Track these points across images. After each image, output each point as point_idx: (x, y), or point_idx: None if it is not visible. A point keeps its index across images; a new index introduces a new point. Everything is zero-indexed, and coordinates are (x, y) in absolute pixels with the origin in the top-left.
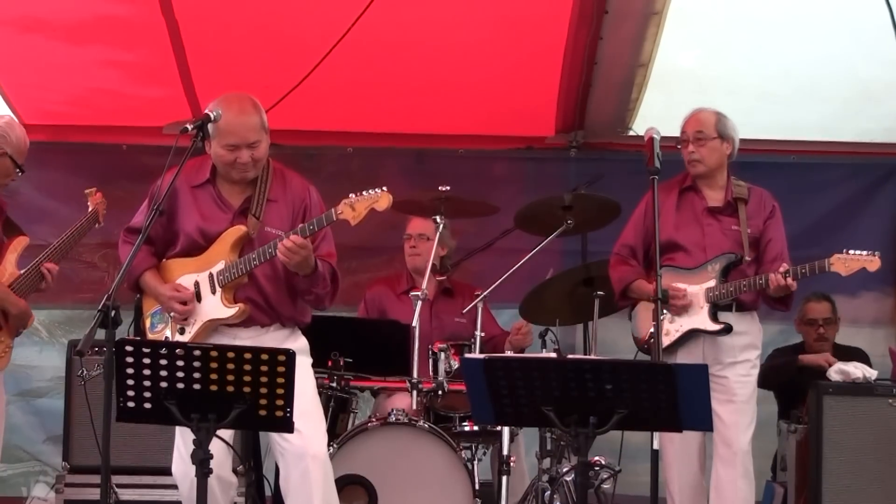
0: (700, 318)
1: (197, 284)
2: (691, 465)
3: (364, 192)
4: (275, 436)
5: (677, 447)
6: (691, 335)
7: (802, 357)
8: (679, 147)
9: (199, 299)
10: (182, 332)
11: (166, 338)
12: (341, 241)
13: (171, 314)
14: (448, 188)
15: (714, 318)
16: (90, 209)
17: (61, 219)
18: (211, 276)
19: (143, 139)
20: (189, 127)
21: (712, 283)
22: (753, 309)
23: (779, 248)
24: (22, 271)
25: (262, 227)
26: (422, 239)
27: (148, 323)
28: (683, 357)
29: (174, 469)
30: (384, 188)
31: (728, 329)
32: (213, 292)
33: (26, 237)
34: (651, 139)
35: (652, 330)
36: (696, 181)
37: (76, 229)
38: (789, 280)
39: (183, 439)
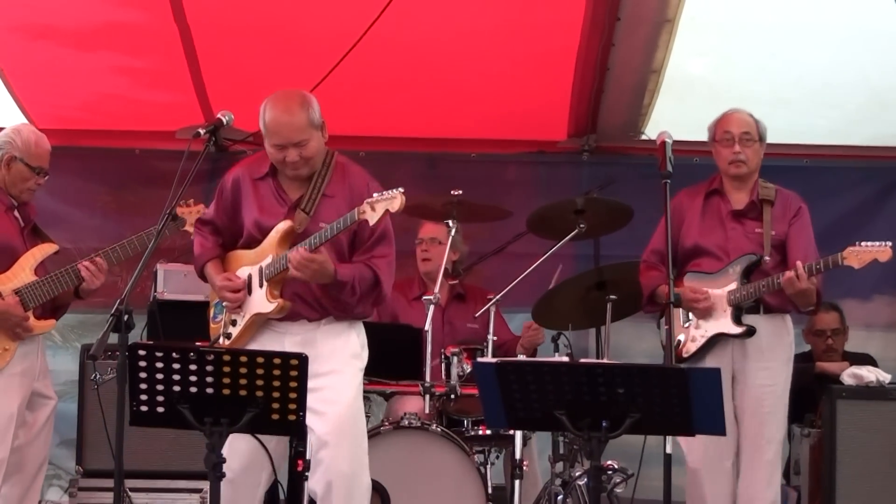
0: (724, 322)
1: (249, 277)
2: (726, 483)
3: (384, 193)
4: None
5: (710, 464)
6: (718, 340)
7: (820, 364)
8: (711, 150)
9: (250, 292)
10: (234, 323)
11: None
12: None
13: (225, 304)
14: (460, 192)
15: (737, 321)
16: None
17: (75, 223)
18: (260, 269)
19: (155, 144)
20: (201, 131)
21: (733, 285)
22: (784, 311)
23: (803, 250)
24: (41, 277)
25: (317, 222)
26: (433, 243)
27: (211, 313)
28: (712, 363)
29: None
30: (400, 189)
31: (751, 332)
32: (261, 286)
33: (53, 244)
34: (664, 143)
35: (680, 337)
36: (725, 183)
37: (144, 235)
38: (800, 273)
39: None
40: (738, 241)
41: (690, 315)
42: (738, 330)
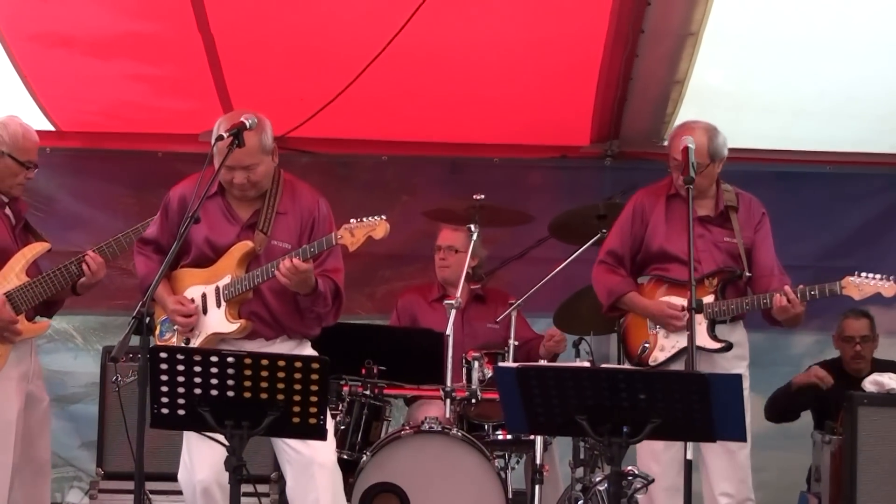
0: (699, 336)
1: (204, 297)
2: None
3: (364, 219)
4: (281, 444)
5: (724, 463)
6: (686, 351)
7: (795, 380)
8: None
9: (205, 311)
10: (187, 342)
11: None
12: (374, 249)
13: (176, 327)
14: (482, 196)
15: (713, 335)
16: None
17: (98, 226)
18: (217, 289)
19: (178, 146)
20: (224, 135)
21: (710, 298)
22: (741, 318)
23: (770, 261)
24: (33, 278)
25: (270, 241)
26: (450, 251)
27: (157, 331)
28: None
29: (179, 476)
30: (383, 217)
31: (728, 347)
32: (219, 306)
33: (45, 243)
34: (686, 149)
35: (645, 344)
36: None
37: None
38: (792, 299)
39: (189, 447)
40: (707, 249)
41: (657, 325)
42: (715, 346)
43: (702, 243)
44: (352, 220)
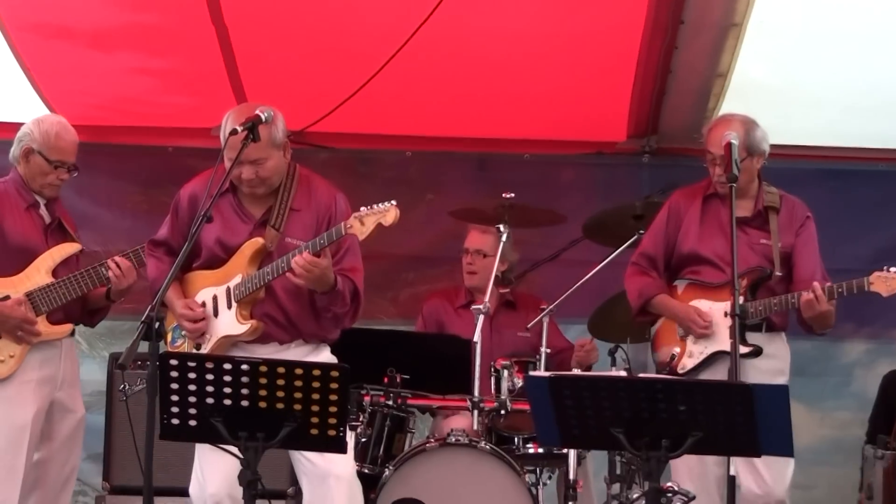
0: (726, 340)
1: (215, 299)
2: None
3: (374, 206)
4: (297, 456)
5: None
6: (716, 358)
7: None
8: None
9: (216, 314)
10: (198, 348)
11: None
12: (398, 250)
13: (184, 333)
14: (512, 195)
15: (742, 339)
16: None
17: (104, 225)
18: (228, 290)
19: (190, 141)
20: (239, 128)
21: (740, 300)
22: (782, 329)
23: (812, 266)
24: (59, 279)
25: (283, 238)
26: (478, 255)
27: (169, 337)
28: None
29: (191, 491)
30: (393, 202)
31: (758, 352)
32: (229, 307)
33: (74, 244)
34: (729, 145)
35: (674, 351)
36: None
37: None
38: (819, 295)
39: (201, 459)
40: (741, 251)
41: (684, 331)
42: (743, 350)
43: (737, 245)
44: (362, 208)
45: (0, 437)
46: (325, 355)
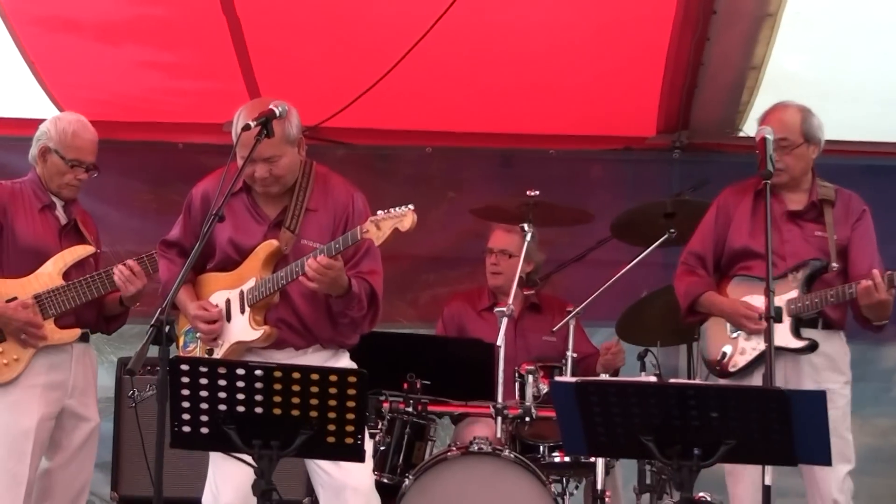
0: (780, 335)
1: (228, 303)
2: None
3: (391, 210)
4: (313, 466)
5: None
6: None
7: None
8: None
9: (229, 319)
10: (210, 353)
11: None
12: (418, 251)
13: (199, 335)
14: (537, 193)
15: (797, 333)
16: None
17: (111, 225)
18: (241, 294)
19: (201, 137)
20: (252, 123)
21: (794, 293)
22: (840, 328)
23: (869, 258)
24: (70, 282)
25: (299, 240)
26: (503, 255)
27: (181, 341)
28: (760, 379)
29: (204, 501)
30: (410, 206)
31: (813, 346)
32: (243, 312)
33: (87, 246)
34: (763, 139)
35: (725, 350)
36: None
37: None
38: (878, 282)
39: (214, 467)
40: (795, 243)
41: (736, 328)
42: (798, 344)
43: (790, 238)
44: (379, 212)
45: (2, 443)
46: (345, 362)
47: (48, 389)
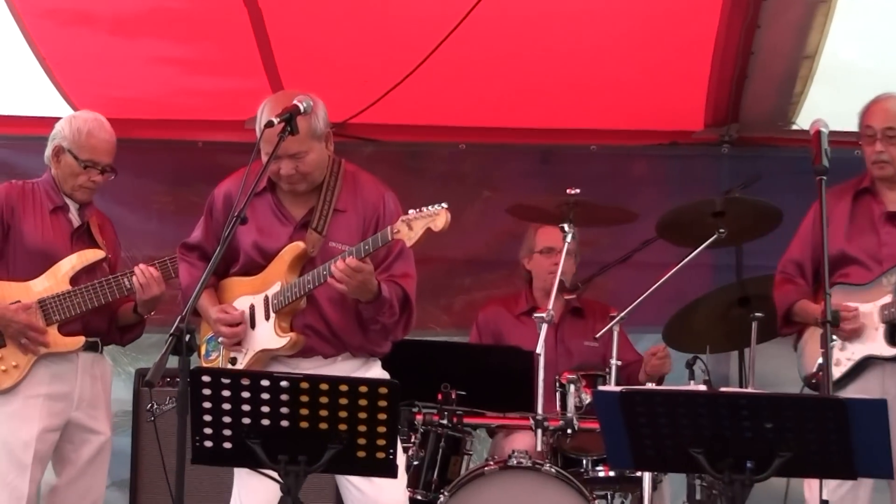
0: (875, 343)
1: (252, 308)
2: None
3: (423, 209)
4: (344, 482)
5: None
6: (867, 364)
7: None
8: (859, 143)
9: (253, 326)
10: (233, 362)
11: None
12: (451, 253)
13: (221, 340)
14: (578, 191)
15: (891, 341)
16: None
17: (127, 228)
18: (266, 299)
19: (221, 135)
20: (275, 120)
21: (888, 298)
22: None
23: None
24: (76, 287)
25: (327, 242)
26: (555, 253)
27: (203, 350)
28: (856, 392)
29: None
30: (443, 205)
31: None
32: (268, 318)
33: (98, 251)
34: (818, 133)
35: (821, 361)
36: (877, 182)
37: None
38: None
39: (239, 484)
40: (893, 247)
41: (834, 336)
42: (892, 352)
43: (888, 240)
44: (410, 211)
45: (2, 456)
46: (376, 371)
47: (50, 400)
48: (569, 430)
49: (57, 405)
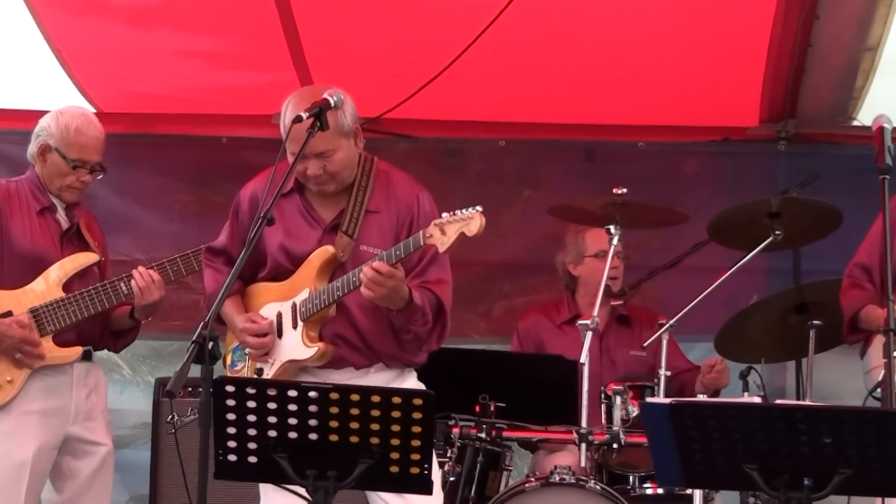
0: None
1: (279, 316)
2: None
3: (457, 212)
4: (376, 498)
5: None
6: None
7: None
8: None
9: (281, 334)
10: (259, 373)
11: None
12: (490, 257)
13: (247, 351)
14: (625, 191)
15: None
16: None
17: (147, 229)
18: (294, 306)
19: (247, 130)
20: (304, 115)
21: None
22: None
23: None
24: (70, 294)
25: (358, 246)
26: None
27: (228, 360)
28: None
29: None
30: (478, 208)
31: None
32: (295, 327)
33: (91, 254)
34: (881, 129)
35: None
36: None
37: None
38: None
39: (266, 500)
40: None
41: None
42: None
43: None
44: (444, 215)
45: None
46: (412, 383)
47: (46, 416)
48: (615, 445)
49: (53, 421)
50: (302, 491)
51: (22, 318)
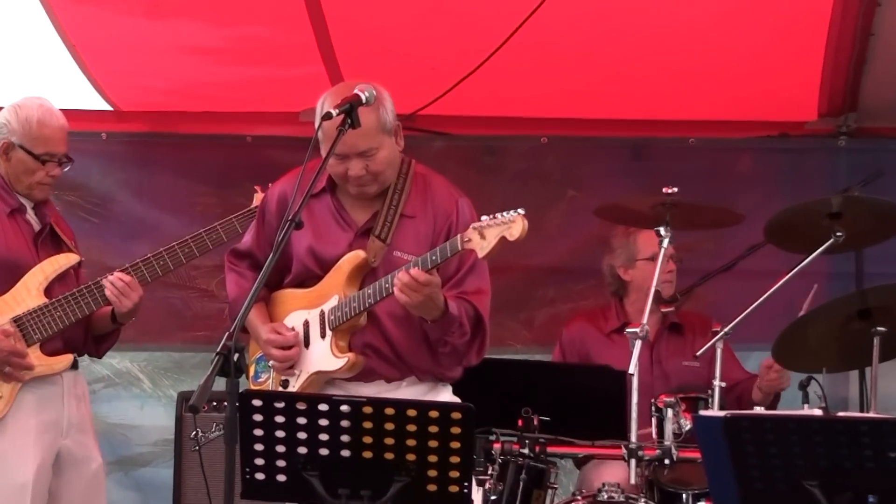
0: None
1: (306, 325)
2: None
3: (498, 215)
4: None
5: None
6: None
7: None
8: None
9: (308, 344)
10: (285, 385)
11: None
12: (532, 261)
13: (271, 363)
14: (675, 190)
15: None
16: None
17: (168, 233)
18: (322, 314)
19: (273, 129)
20: (334, 112)
21: None
22: None
23: None
24: (52, 299)
25: (391, 251)
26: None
27: (251, 371)
28: None
29: None
30: (519, 211)
31: None
32: (323, 336)
33: (71, 255)
34: None
35: None
36: None
37: (207, 232)
38: None
39: None
40: None
41: None
42: None
43: None
44: (483, 218)
45: None
46: (446, 397)
47: (42, 432)
48: (666, 461)
49: (47, 436)
50: None
51: (6, 329)
